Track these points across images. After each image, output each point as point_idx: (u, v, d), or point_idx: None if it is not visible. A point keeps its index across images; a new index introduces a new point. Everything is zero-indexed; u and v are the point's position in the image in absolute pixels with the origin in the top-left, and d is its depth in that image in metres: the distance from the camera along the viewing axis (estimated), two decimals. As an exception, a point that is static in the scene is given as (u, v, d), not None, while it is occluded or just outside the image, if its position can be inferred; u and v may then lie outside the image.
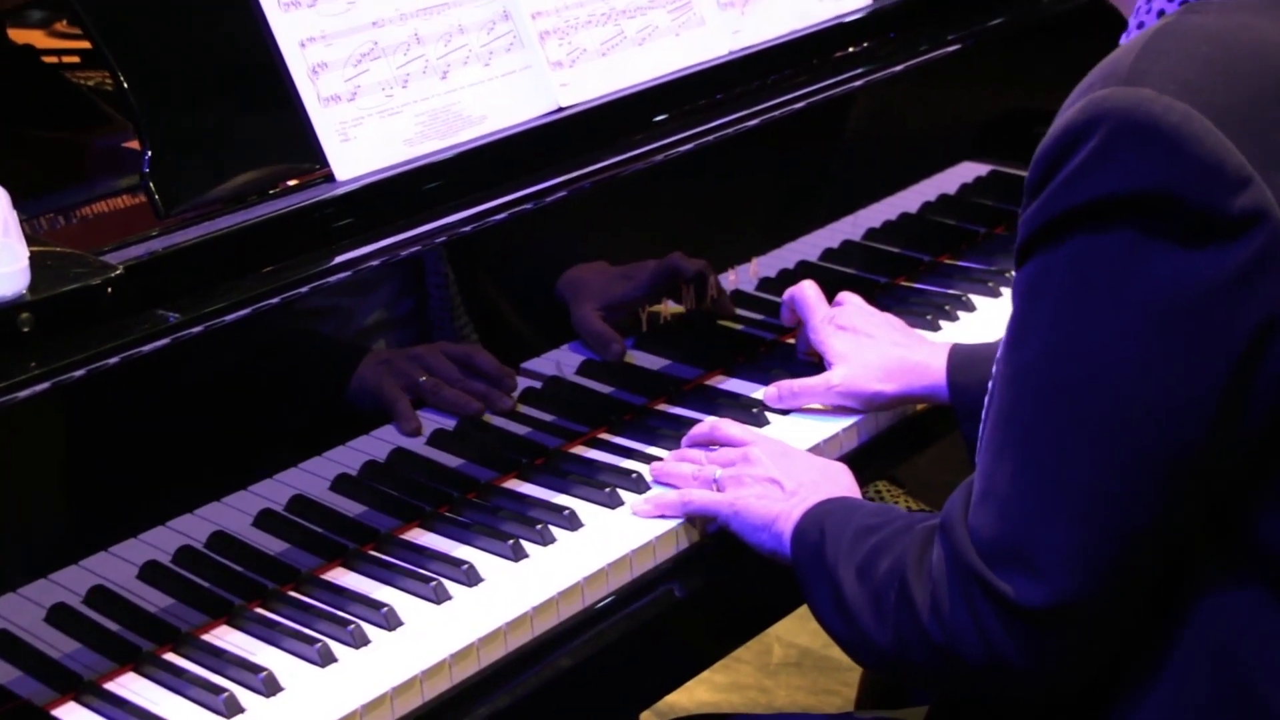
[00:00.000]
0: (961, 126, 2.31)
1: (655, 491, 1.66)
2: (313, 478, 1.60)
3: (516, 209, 1.63)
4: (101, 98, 2.05)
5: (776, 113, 1.86)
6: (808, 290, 1.86)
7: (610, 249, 1.84)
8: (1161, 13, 1.29)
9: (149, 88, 1.52)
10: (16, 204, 1.39)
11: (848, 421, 1.78)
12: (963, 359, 1.75)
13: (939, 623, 1.27)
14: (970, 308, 2.03)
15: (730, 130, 1.81)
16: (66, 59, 2.13)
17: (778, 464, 1.60)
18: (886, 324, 1.85)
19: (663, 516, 1.62)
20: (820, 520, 1.46)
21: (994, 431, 1.26)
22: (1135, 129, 1.15)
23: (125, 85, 1.51)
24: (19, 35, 2.15)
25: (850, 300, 1.88)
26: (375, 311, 1.69)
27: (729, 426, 1.70)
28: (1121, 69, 1.19)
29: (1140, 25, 1.31)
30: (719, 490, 1.60)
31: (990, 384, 1.30)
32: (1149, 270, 1.16)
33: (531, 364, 1.78)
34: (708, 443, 1.71)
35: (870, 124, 2.13)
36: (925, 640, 1.28)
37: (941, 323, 1.99)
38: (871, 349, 1.80)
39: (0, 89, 1.95)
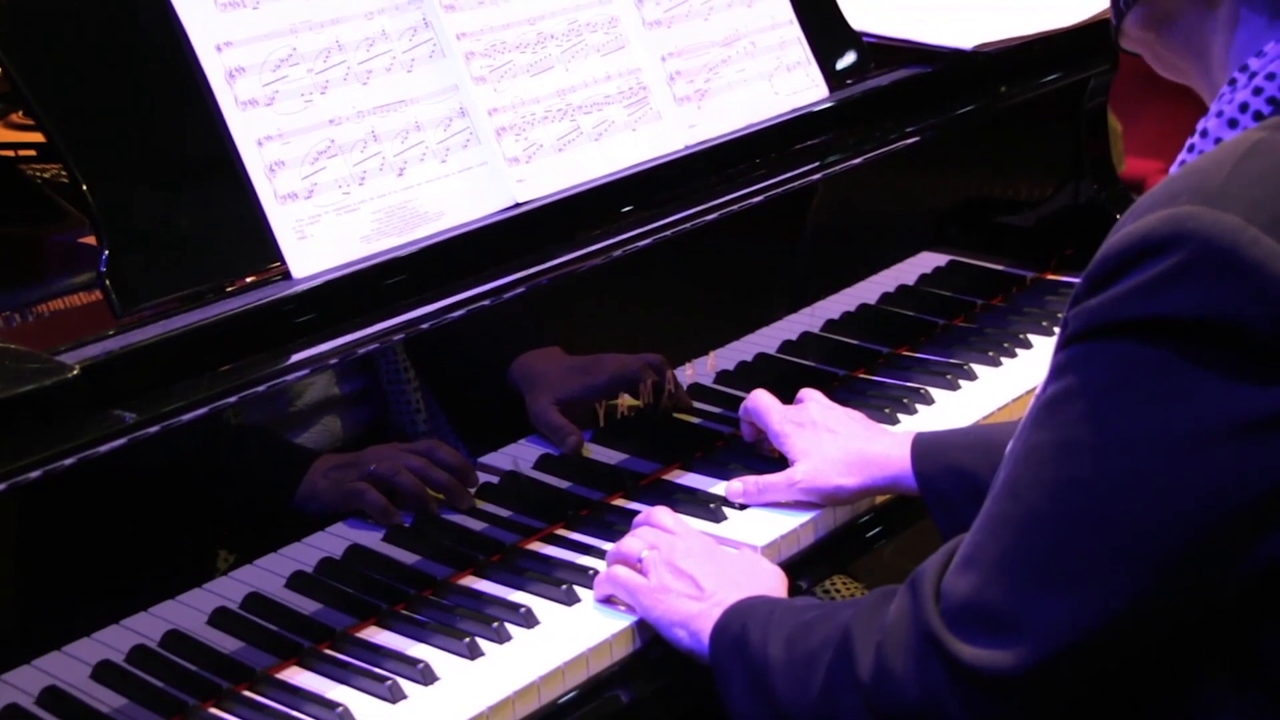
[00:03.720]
0: (920, 216, 2.38)
1: (602, 572, 1.71)
2: (268, 575, 1.63)
3: (474, 305, 1.68)
4: (58, 191, 2.09)
5: (734, 207, 1.92)
6: (760, 398, 1.92)
7: (568, 342, 1.89)
8: (1245, 106, 1.30)
9: (106, 186, 1.56)
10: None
11: (805, 516, 1.83)
12: (927, 447, 1.79)
13: (879, 668, 1.31)
14: (928, 401, 2.08)
15: (687, 225, 1.87)
16: (23, 152, 2.18)
17: (700, 562, 1.64)
18: (847, 418, 1.90)
19: (604, 600, 1.67)
20: (743, 615, 1.51)
21: (997, 502, 1.29)
22: (1219, 257, 1.16)
23: (83, 184, 1.55)
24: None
25: (810, 397, 1.93)
26: (332, 407, 1.74)
27: (662, 516, 1.74)
28: (1211, 186, 1.20)
29: (1220, 114, 1.32)
30: (642, 572, 1.65)
31: (1008, 451, 1.32)
32: (1200, 393, 1.18)
33: (489, 459, 1.82)
34: None
35: (829, 214, 2.19)
36: (857, 686, 1.32)
37: (900, 416, 2.04)
38: (832, 444, 1.84)
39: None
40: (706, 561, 1.65)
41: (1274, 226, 1.17)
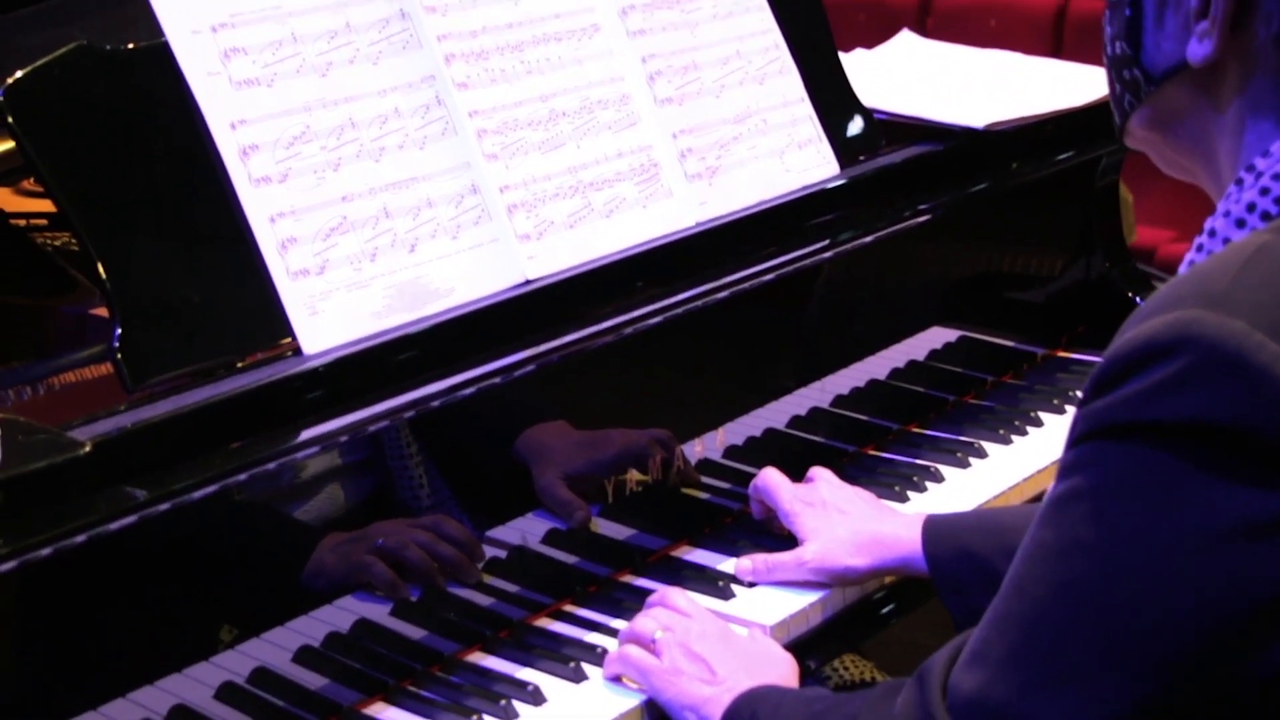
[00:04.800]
0: (931, 290, 2.40)
1: (613, 651, 1.72)
2: (275, 649, 1.65)
3: (485, 383, 1.70)
4: (68, 259, 2.12)
5: (745, 285, 1.94)
6: (770, 477, 1.93)
7: (575, 415, 1.90)
8: (1252, 206, 1.31)
9: (119, 261, 1.59)
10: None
11: (814, 596, 1.84)
12: (938, 530, 1.81)
13: None
14: (939, 479, 2.10)
15: (698, 303, 1.89)
16: (35, 221, 2.20)
17: (713, 646, 1.66)
18: (857, 498, 1.91)
19: (613, 678, 1.68)
20: (754, 702, 1.53)
21: (1005, 599, 1.29)
22: (1223, 362, 1.17)
23: (95, 259, 1.57)
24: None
25: (820, 476, 1.95)
26: (335, 476, 1.76)
27: (676, 596, 1.75)
28: (1216, 290, 1.20)
29: (1227, 213, 1.33)
30: (655, 653, 1.66)
31: (1022, 546, 1.32)
32: (1204, 497, 1.18)
33: (496, 532, 1.84)
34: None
35: (839, 288, 2.21)
36: None
37: (910, 494, 2.06)
38: (842, 524, 1.86)
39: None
40: (720, 646, 1.66)
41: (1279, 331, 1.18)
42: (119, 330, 1.56)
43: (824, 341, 2.25)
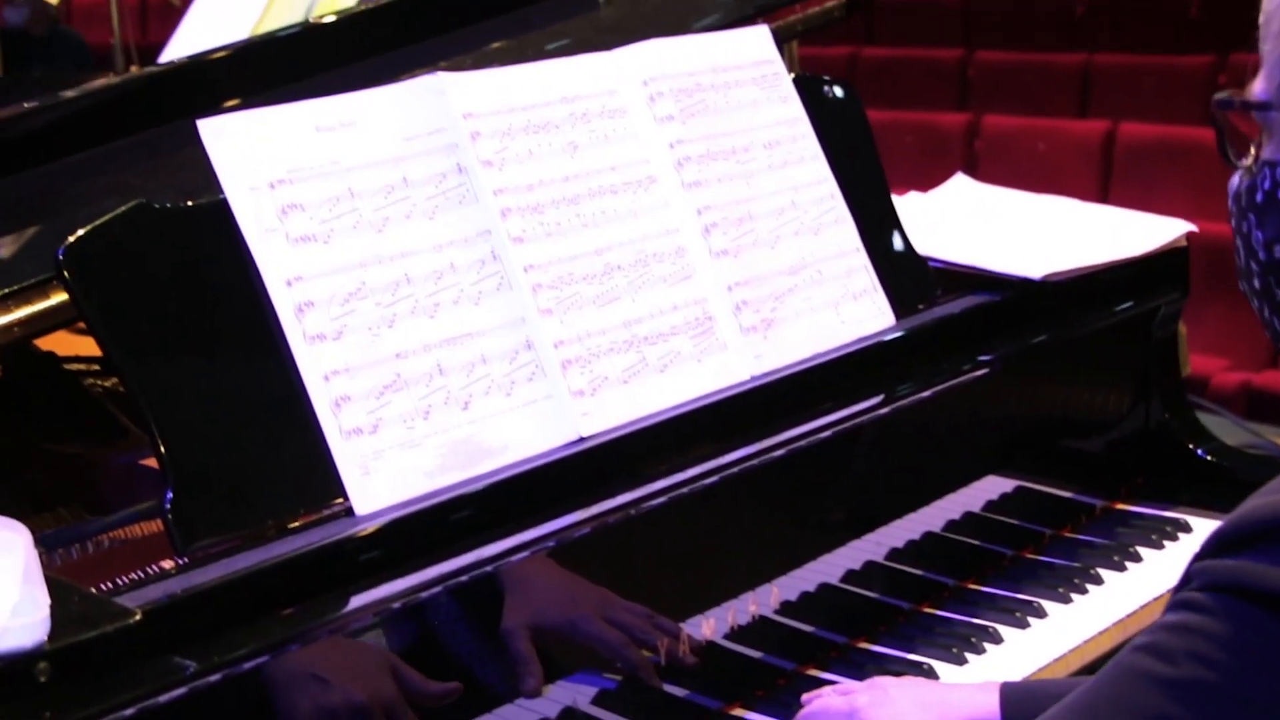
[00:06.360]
0: (986, 438, 2.38)
1: None
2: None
3: (539, 546, 1.69)
4: (118, 402, 2.14)
5: (800, 443, 1.94)
6: (813, 701, 1.87)
7: (617, 570, 1.88)
8: None
9: (172, 421, 1.60)
10: (32, 522, 1.45)
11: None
12: (1018, 695, 1.76)
13: None
14: (997, 640, 2.08)
15: (754, 461, 1.88)
16: (88, 366, 2.22)
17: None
18: (912, 681, 1.88)
19: None
20: None
21: (1073, 713, 1.30)
22: None
23: (150, 420, 1.58)
24: (42, 340, 2.24)
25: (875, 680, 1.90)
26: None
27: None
28: None
29: None
30: None
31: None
32: None
33: (534, 707, 1.80)
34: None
35: (893, 439, 2.20)
36: None
37: (968, 655, 2.04)
38: (902, 694, 1.82)
39: (21, 400, 2.04)
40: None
41: None
42: (170, 493, 1.56)
43: (877, 491, 2.23)
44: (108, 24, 5.98)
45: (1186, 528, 2.38)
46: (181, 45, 5.61)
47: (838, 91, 2.30)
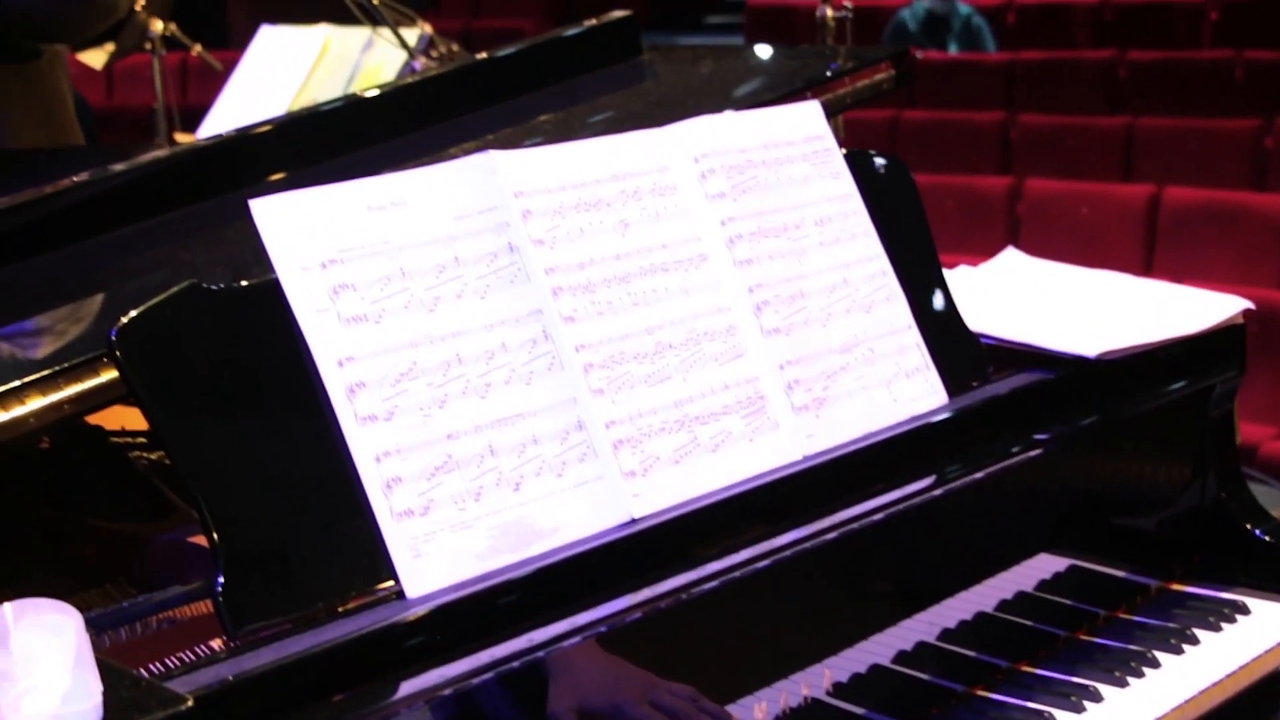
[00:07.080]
0: (1038, 515, 2.37)
1: None
2: None
3: (590, 631, 1.69)
4: (164, 478, 2.14)
5: (853, 525, 1.93)
6: None
7: (666, 661, 1.87)
8: None
9: (223, 504, 1.60)
10: (79, 598, 1.45)
11: None
12: None
13: None
14: (1053, 726, 2.06)
15: (806, 544, 1.87)
16: (135, 439, 2.23)
17: None
18: None
19: None
20: None
21: None
22: None
23: (201, 504, 1.58)
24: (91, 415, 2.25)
25: None
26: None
27: None
28: None
29: None
30: None
31: None
32: None
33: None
34: None
35: (945, 517, 2.19)
36: None
37: (1023, 742, 2.02)
38: None
39: (69, 475, 2.04)
40: None
41: None
42: (221, 576, 1.56)
43: (929, 569, 2.22)
44: (150, 87, 6.03)
45: (1244, 609, 2.36)
46: (224, 112, 5.68)
47: (889, 167, 2.30)
